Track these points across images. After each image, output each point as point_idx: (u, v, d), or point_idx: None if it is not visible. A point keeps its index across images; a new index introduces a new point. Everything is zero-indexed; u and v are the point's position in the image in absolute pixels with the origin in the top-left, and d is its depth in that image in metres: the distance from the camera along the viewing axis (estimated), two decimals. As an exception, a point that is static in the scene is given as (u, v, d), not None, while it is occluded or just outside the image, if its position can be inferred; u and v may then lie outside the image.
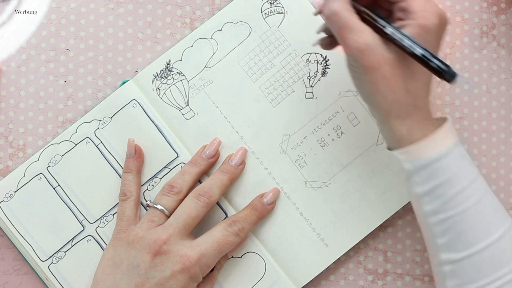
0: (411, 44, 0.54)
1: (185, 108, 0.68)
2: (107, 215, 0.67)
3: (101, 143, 0.67)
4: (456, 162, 0.56)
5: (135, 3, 0.69)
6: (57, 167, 0.67)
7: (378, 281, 0.69)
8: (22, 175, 0.67)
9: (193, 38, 0.68)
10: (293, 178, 0.68)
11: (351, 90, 0.68)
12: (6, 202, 0.67)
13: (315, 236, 0.67)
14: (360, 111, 0.68)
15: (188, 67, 0.68)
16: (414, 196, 0.59)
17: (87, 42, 0.69)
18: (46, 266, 0.66)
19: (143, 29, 0.69)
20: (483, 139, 0.69)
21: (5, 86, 0.69)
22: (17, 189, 0.67)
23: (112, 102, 0.67)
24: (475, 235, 0.56)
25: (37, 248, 0.66)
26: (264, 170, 0.68)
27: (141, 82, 0.68)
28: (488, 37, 0.70)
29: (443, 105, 0.69)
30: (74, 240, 0.67)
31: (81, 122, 0.67)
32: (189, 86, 0.68)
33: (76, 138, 0.67)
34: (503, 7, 0.70)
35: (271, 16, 0.68)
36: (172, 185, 0.64)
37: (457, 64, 0.70)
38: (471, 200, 0.56)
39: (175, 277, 0.60)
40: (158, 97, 0.68)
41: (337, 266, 0.69)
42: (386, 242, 0.69)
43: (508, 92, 0.70)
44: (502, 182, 0.69)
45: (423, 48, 0.54)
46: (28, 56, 0.69)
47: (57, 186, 0.67)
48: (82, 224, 0.67)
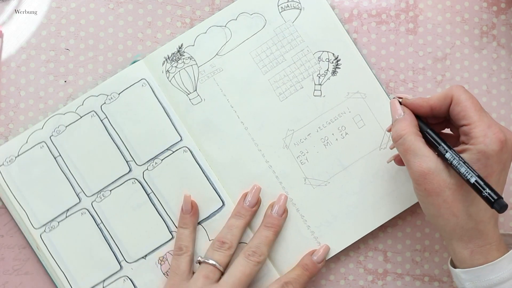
0: (467, 170, 0.55)
1: (193, 93, 0.68)
2: (105, 190, 0.67)
3: (106, 118, 0.67)
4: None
5: (135, 3, 0.69)
6: (60, 137, 0.67)
7: (378, 281, 0.69)
8: (25, 141, 0.67)
9: (207, 25, 0.68)
10: (293, 173, 0.68)
11: (359, 91, 0.68)
12: (5, 166, 0.67)
13: (309, 234, 0.67)
14: (366, 114, 0.68)
15: (199, 53, 0.68)
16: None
17: (87, 42, 0.69)
18: (38, 234, 0.66)
19: (143, 29, 0.69)
20: (483, 139, 0.69)
21: (5, 86, 0.69)
22: (18, 155, 0.67)
23: (122, 79, 0.68)
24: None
25: (32, 215, 0.67)
26: (265, 163, 0.68)
27: (151, 63, 0.68)
28: (488, 37, 0.70)
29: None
30: (69, 211, 0.67)
31: (88, 95, 0.67)
32: (199, 72, 0.68)
33: (82, 110, 0.67)
34: (503, 7, 0.70)
35: (287, 10, 0.69)
36: (222, 241, 0.65)
37: (457, 64, 0.70)
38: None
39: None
40: (167, 79, 0.68)
41: (337, 266, 0.69)
42: (386, 242, 0.69)
43: (508, 92, 0.70)
44: (502, 182, 0.69)
45: (478, 176, 0.55)
46: (28, 56, 0.69)
47: (58, 156, 0.67)
48: (79, 197, 0.67)
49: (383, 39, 0.70)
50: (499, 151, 0.57)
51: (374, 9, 0.70)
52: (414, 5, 0.70)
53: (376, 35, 0.70)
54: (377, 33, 0.70)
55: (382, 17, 0.70)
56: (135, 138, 0.67)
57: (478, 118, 0.57)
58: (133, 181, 0.67)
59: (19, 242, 0.68)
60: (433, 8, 0.70)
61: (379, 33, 0.70)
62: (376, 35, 0.70)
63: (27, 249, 0.68)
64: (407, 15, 0.70)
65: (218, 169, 0.67)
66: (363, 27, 0.70)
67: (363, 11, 0.70)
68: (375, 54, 0.69)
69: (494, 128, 0.57)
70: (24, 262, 0.68)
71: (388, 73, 0.69)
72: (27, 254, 0.68)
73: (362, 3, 0.70)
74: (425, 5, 0.70)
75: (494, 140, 0.56)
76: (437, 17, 0.70)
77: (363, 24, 0.70)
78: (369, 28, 0.70)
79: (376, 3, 0.70)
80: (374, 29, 0.70)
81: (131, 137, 0.67)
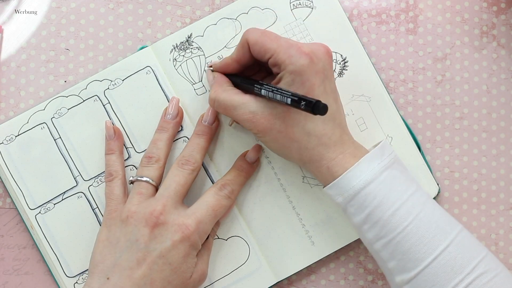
0: (281, 96, 0.56)
1: (198, 83, 0.68)
2: (102, 175, 0.67)
3: (109, 103, 0.67)
4: (385, 186, 0.58)
5: (135, 3, 0.69)
6: (61, 120, 0.67)
7: (378, 281, 0.69)
8: (26, 121, 0.67)
9: (217, 17, 0.68)
10: (291, 171, 0.67)
11: (364, 95, 0.68)
12: (5, 145, 0.67)
13: (303, 232, 0.67)
14: (369, 117, 0.68)
15: (208, 44, 0.68)
16: (355, 227, 0.60)
17: (87, 42, 0.69)
18: (33, 215, 0.66)
19: (143, 29, 0.69)
20: (483, 139, 0.69)
21: (5, 86, 0.69)
22: (18, 134, 0.67)
23: (127, 65, 0.68)
24: (421, 250, 0.57)
25: (28, 195, 0.67)
26: (265, 159, 0.67)
27: (159, 50, 0.68)
28: (488, 37, 0.70)
29: (443, 105, 0.69)
30: (65, 194, 0.67)
31: (92, 80, 0.68)
32: (206, 63, 0.68)
33: (85, 94, 0.67)
34: (503, 7, 0.70)
35: (298, 8, 0.69)
36: (149, 156, 0.64)
37: (457, 64, 0.70)
38: (408, 219, 0.57)
39: (176, 247, 0.60)
40: (174, 68, 0.68)
41: (337, 266, 0.69)
42: (386, 242, 0.69)
43: (508, 92, 0.70)
44: (502, 182, 0.69)
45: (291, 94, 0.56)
46: (28, 56, 0.69)
47: (58, 138, 0.67)
48: (76, 180, 0.67)
49: (383, 39, 0.70)
50: (309, 64, 0.58)
51: (374, 9, 0.70)
52: (414, 5, 0.70)
53: (376, 35, 0.70)
54: (377, 33, 0.70)
55: (382, 17, 0.70)
56: (136, 125, 0.67)
57: (277, 45, 0.59)
58: (131, 168, 0.67)
59: (19, 242, 0.68)
60: (433, 8, 0.70)
61: (379, 33, 0.70)
62: (376, 35, 0.70)
63: (27, 249, 0.68)
64: (407, 15, 0.70)
65: (218, 161, 0.67)
66: (363, 27, 0.70)
67: (363, 11, 0.70)
68: (375, 54, 0.69)
69: (295, 46, 0.58)
70: (24, 262, 0.68)
71: (388, 73, 0.69)
72: (27, 254, 0.68)
73: (362, 3, 0.70)
74: (425, 5, 0.70)
75: (299, 55, 0.58)
76: (437, 17, 0.70)
77: (363, 24, 0.70)
78: (369, 28, 0.70)
79: (376, 3, 0.70)
80: (374, 29, 0.70)
81: (132, 124, 0.67)
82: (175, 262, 0.60)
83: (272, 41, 0.59)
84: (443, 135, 0.69)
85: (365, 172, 0.58)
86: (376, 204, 0.58)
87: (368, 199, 0.58)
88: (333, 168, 0.59)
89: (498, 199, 0.69)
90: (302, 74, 0.58)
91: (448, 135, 0.69)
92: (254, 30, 0.61)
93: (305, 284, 0.69)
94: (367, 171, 0.58)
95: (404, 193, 0.58)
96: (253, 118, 0.59)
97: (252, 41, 0.60)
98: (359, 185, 0.58)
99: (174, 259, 0.59)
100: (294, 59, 0.58)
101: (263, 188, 0.67)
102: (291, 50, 0.58)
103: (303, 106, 0.54)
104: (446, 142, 0.69)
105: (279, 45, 0.59)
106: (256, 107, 0.60)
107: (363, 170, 0.58)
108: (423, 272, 0.57)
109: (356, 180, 0.58)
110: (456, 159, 0.69)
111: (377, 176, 0.58)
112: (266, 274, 0.67)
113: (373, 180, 0.58)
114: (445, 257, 0.57)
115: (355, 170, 0.58)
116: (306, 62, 0.58)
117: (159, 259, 0.59)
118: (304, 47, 0.59)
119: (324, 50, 0.60)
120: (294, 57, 0.58)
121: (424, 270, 0.57)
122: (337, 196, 0.59)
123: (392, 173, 0.59)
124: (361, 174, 0.58)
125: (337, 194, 0.59)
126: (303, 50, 0.58)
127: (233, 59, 0.63)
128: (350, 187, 0.58)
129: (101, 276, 0.60)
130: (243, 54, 0.61)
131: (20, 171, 0.67)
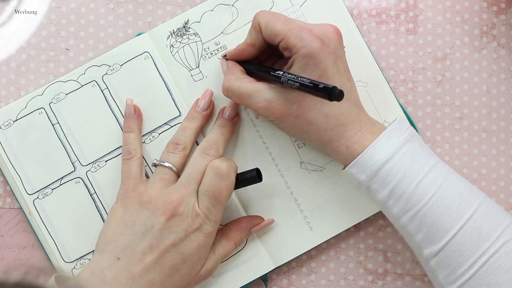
0: (297, 82, 0.56)
1: (195, 69, 0.68)
2: (100, 161, 0.67)
3: (107, 88, 0.67)
4: (406, 159, 0.58)
5: (135, 3, 0.69)
6: (59, 105, 0.67)
7: (378, 281, 0.69)
8: (24, 106, 0.67)
9: (214, 2, 0.68)
10: (289, 156, 0.67)
11: (361, 80, 0.68)
12: (3, 130, 0.67)
13: (301, 218, 0.67)
14: (367, 103, 0.67)
15: (205, 30, 0.68)
16: (380, 204, 0.60)
17: (87, 42, 0.69)
18: (31, 200, 0.66)
19: (143, 29, 0.69)
20: (483, 139, 0.69)
21: (5, 86, 0.69)
22: (16, 119, 0.67)
23: (125, 50, 0.68)
24: (447, 220, 0.57)
25: (26, 180, 0.67)
26: (262, 144, 0.68)
27: (156, 36, 0.68)
28: (488, 37, 0.70)
29: (443, 105, 0.69)
30: (63, 179, 0.67)
31: (90, 65, 0.67)
32: (203, 49, 0.68)
33: (83, 79, 0.67)
34: (503, 7, 0.70)
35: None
36: (176, 143, 0.64)
37: (457, 64, 0.70)
38: (432, 189, 0.58)
39: (189, 238, 0.60)
40: (171, 54, 0.68)
41: (337, 266, 0.69)
42: (386, 242, 0.69)
43: (508, 92, 0.70)
44: (502, 182, 0.69)
45: (307, 80, 0.55)
46: (28, 56, 0.69)
47: (56, 123, 0.67)
48: (74, 165, 0.67)
49: (383, 39, 0.70)
50: (321, 46, 0.58)
51: (374, 9, 0.70)
52: (414, 5, 0.70)
53: (376, 35, 0.70)
54: (377, 33, 0.70)
55: (382, 17, 0.70)
56: None
57: (288, 28, 0.59)
58: None
59: (19, 242, 0.68)
60: (433, 8, 0.70)
61: (379, 33, 0.70)
62: (376, 35, 0.70)
63: (27, 249, 0.68)
64: (407, 15, 0.70)
65: None
66: (363, 27, 0.70)
67: (363, 11, 0.70)
68: (375, 54, 0.69)
69: (305, 29, 0.58)
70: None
71: (388, 73, 0.69)
72: (27, 254, 0.68)
73: (362, 3, 0.70)
74: (425, 5, 0.70)
75: (310, 38, 0.58)
76: (437, 17, 0.70)
77: (363, 24, 0.70)
78: (369, 28, 0.70)
79: (376, 3, 0.70)
80: (374, 29, 0.70)
81: None
82: (186, 253, 0.60)
83: (282, 24, 0.59)
84: (443, 135, 0.69)
85: (386, 147, 0.58)
86: (400, 178, 0.58)
87: (391, 174, 0.58)
88: (352, 146, 0.59)
89: (498, 199, 0.69)
90: (315, 57, 0.58)
91: (448, 135, 0.69)
92: (265, 12, 0.61)
93: (305, 284, 0.69)
94: (388, 146, 0.58)
95: (426, 165, 0.58)
96: (268, 106, 0.59)
97: (263, 24, 0.60)
98: (381, 160, 0.58)
99: (187, 249, 0.60)
100: (306, 42, 0.58)
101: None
102: (302, 33, 0.58)
103: (320, 93, 0.54)
104: (446, 142, 0.69)
105: (290, 28, 0.59)
106: (271, 94, 0.59)
107: (383, 146, 0.58)
108: (450, 242, 0.57)
109: (378, 156, 0.58)
110: (456, 159, 0.69)
111: (398, 150, 0.58)
112: (264, 260, 0.67)
113: (394, 154, 0.58)
114: (471, 225, 0.57)
115: (376, 146, 0.58)
116: (318, 45, 0.58)
117: (172, 248, 0.60)
118: (315, 29, 0.58)
119: (334, 30, 0.60)
120: (305, 40, 0.58)
121: (451, 240, 0.57)
122: (359, 174, 0.59)
123: (412, 146, 0.59)
124: (382, 149, 0.58)
125: (359, 172, 0.59)
126: (314, 33, 0.58)
127: (248, 43, 0.62)
128: (372, 163, 0.58)
129: (111, 255, 0.60)
130: (257, 37, 0.61)
131: (18, 156, 0.67)
